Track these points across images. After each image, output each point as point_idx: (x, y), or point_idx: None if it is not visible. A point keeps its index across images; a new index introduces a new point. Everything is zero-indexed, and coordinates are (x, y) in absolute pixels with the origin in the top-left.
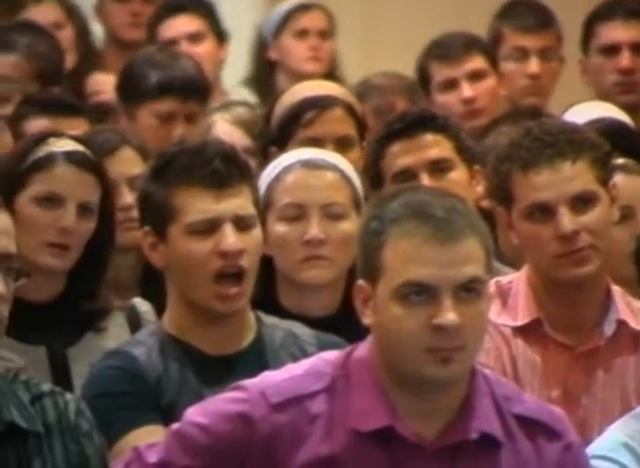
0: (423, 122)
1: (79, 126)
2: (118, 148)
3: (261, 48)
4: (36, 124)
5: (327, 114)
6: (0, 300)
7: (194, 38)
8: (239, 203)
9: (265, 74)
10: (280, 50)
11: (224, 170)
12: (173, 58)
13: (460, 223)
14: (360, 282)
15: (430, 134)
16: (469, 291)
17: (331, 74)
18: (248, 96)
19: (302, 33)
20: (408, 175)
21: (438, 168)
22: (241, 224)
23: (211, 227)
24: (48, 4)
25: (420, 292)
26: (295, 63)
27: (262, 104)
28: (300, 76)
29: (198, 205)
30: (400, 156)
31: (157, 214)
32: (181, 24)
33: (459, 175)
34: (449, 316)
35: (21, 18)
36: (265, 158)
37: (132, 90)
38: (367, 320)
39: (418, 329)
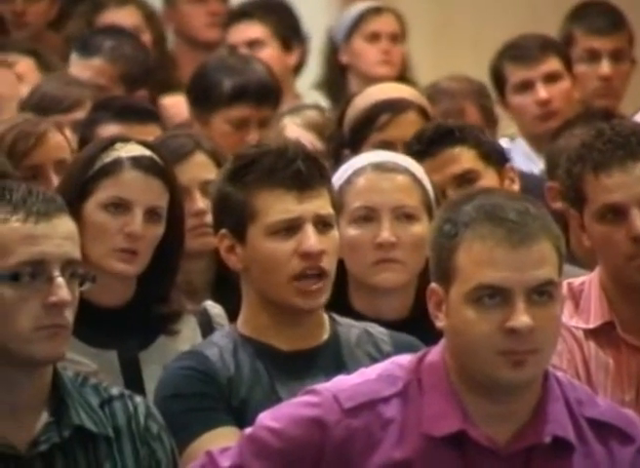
0: (440, 138)
1: (152, 132)
2: (191, 153)
3: (333, 51)
4: (109, 130)
5: (400, 117)
6: (65, 306)
7: (254, 45)
8: (320, 203)
9: (337, 78)
10: (351, 53)
11: (306, 171)
12: (245, 62)
13: (534, 226)
14: (433, 285)
15: (449, 148)
16: (542, 294)
17: (402, 77)
18: (320, 99)
19: (374, 37)
20: (436, 192)
21: (465, 180)
22: (321, 225)
23: (292, 228)
24: (128, 8)
25: (492, 296)
26: (366, 67)
27: (334, 108)
28: (371, 80)
29: (280, 206)
30: None
31: (236, 216)
32: (242, 31)
33: (487, 182)
34: (522, 319)
35: (102, 21)
36: (338, 161)
37: (204, 96)
38: (440, 323)
39: (491, 332)
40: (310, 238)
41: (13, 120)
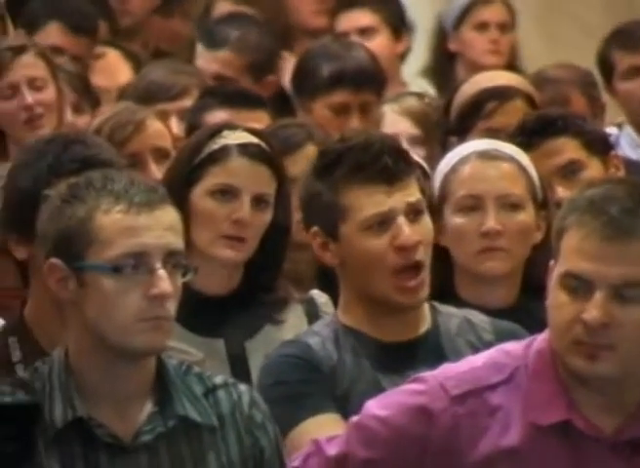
0: (543, 129)
1: (260, 119)
2: (302, 145)
3: (441, 39)
4: (217, 116)
5: (507, 105)
6: (167, 298)
7: (365, 32)
8: (408, 192)
9: (445, 65)
10: (460, 42)
11: (393, 165)
12: (346, 48)
13: (633, 225)
14: (551, 262)
15: (552, 139)
16: (629, 293)
17: (510, 66)
18: (427, 86)
19: (483, 26)
20: (541, 182)
21: (569, 171)
22: (412, 214)
23: (385, 221)
24: None
25: (577, 285)
26: (474, 56)
27: (441, 95)
28: (479, 68)
29: (370, 201)
30: None
31: (326, 214)
32: (354, 19)
33: (591, 171)
34: (594, 313)
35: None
36: (445, 148)
37: (305, 82)
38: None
39: (570, 319)
40: (404, 231)
41: (112, 109)
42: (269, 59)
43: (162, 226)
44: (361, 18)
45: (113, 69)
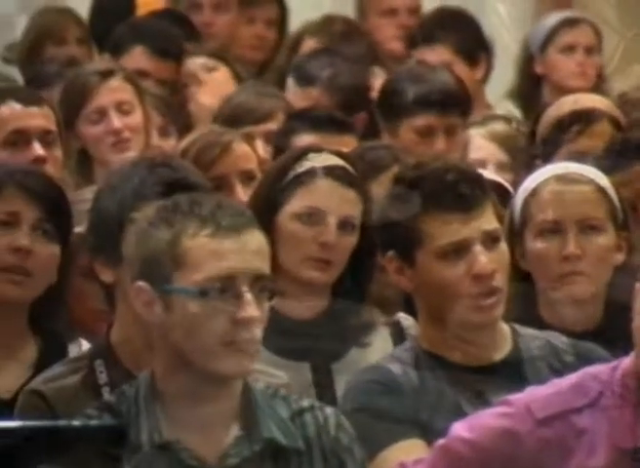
0: (629, 153)
1: (348, 143)
2: (389, 167)
3: (528, 62)
4: (304, 140)
5: (592, 128)
6: (253, 323)
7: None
8: (485, 220)
9: (531, 88)
10: (546, 64)
11: (469, 192)
12: (431, 71)
13: None
14: (637, 284)
15: (637, 163)
16: None
17: (597, 89)
18: (512, 109)
19: (569, 48)
20: (623, 205)
21: None
22: (489, 241)
23: (461, 249)
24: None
25: None
26: (561, 79)
27: (526, 118)
28: (565, 91)
29: (447, 229)
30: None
31: (402, 240)
32: (427, 56)
33: None
34: None
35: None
36: (530, 172)
37: (391, 105)
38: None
39: None
40: (480, 259)
41: (198, 131)
42: (360, 98)
43: (249, 250)
44: (433, 54)
45: (222, 88)
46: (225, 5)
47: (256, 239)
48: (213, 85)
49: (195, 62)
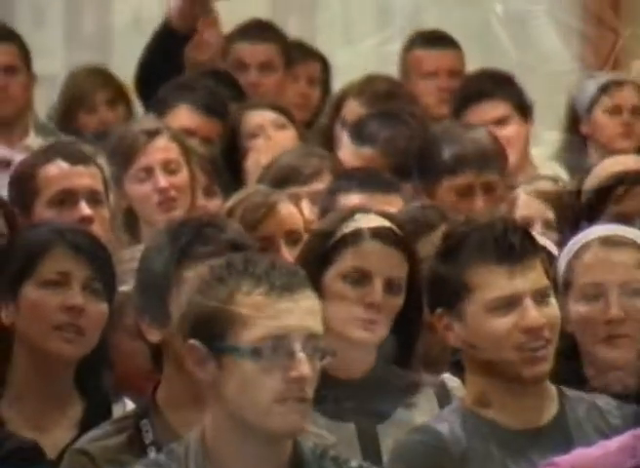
0: None
1: (394, 203)
2: (437, 226)
3: (574, 122)
4: (351, 199)
5: (637, 189)
6: (305, 382)
7: (500, 122)
8: (535, 277)
9: (577, 149)
10: (592, 125)
11: (519, 245)
12: (466, 130)
13: None
14: None
15: None
16: None
17: None
18: (558, 169)
19: (615, 109)
20: None
21: None
22: (540, 296)
23: (511, 303)
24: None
25: None
26: (606, 140)
27: (573, 179)
28: (611, 152)
29: (496, 282)
30: None
31: (451, 294)
32: (487, 111)
33: None
34: None
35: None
36: (575, 233)
37: (428, 166)
38: None
39: None
40: (531, 312)
41: (244, 192)
42: (409, 166)
43: (303, 310)
44: (494, 109)
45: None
46: (272, 65)
47: (309, 299)
48: (278, 143)
49: (264, 116)
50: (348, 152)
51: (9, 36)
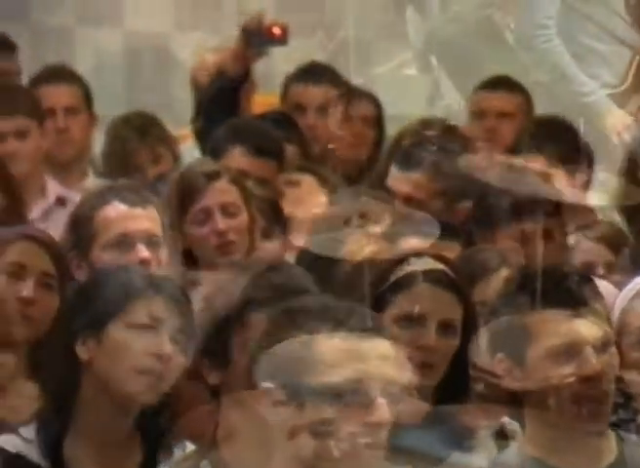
0: None
1: (452, 248)
2: (497, 269)
3: (632, 168)
4: (407, 243)
5: None
6: (384, 427)
7: (544, 176)
8: (596, 322)
9: (634, 196)
10: None
11: (578, 290)
12: (520, 176)
13: None
14: None
15: None
16: None
17: None
18: (616, 216)
19: None
20: None
21: None
22: (600, 344)
23: (571, 350)
24: None
25: None
26: None
27: (630, 226)
28: None
29: (558, 328)
30: None
31: (512, 340)
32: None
33: None
34: None
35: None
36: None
37: (486, 216)
38: None
39: None
40: (591, 361)
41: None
42: (463, 187)
43: (380, 355)
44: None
45: (308, 199)
46: (328, 107)
47: (386, 344)
48: (297, 198)
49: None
50: (396, 180)
51: (71, 77)
